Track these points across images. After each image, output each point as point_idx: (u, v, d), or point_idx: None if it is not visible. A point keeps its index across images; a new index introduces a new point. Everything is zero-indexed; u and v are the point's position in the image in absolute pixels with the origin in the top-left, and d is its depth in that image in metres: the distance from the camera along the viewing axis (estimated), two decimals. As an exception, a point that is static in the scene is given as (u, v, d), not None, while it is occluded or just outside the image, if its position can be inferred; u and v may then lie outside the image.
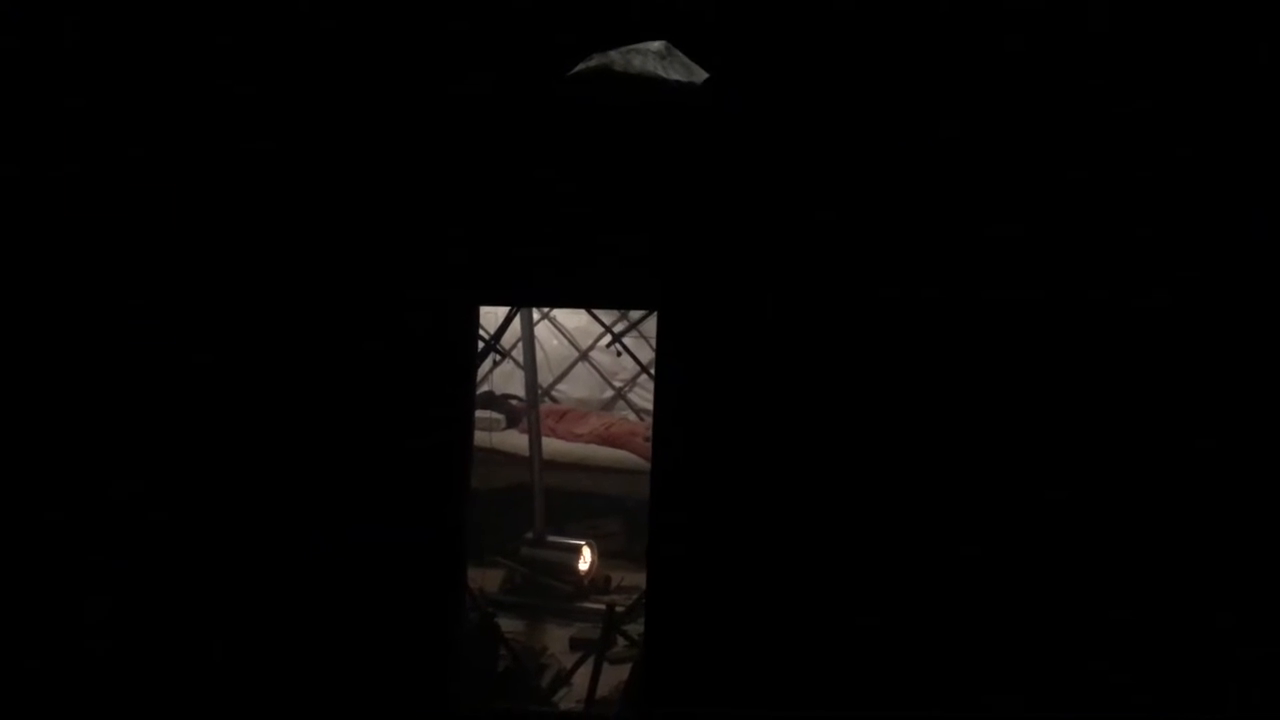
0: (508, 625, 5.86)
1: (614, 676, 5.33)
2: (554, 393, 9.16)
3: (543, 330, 8.56)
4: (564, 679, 5.41)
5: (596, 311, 8.12)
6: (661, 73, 4.23)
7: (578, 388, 9.27)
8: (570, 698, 5.34)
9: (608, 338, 8.38)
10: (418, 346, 4.47)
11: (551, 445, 7.78)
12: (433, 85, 4.44)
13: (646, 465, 7.55)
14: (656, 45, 4.25)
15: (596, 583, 6.94)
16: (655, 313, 4.66)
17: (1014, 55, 4.29)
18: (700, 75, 4.25)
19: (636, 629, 5.51)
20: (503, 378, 8.38)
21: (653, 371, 7.60)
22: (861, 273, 4.35)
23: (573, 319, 8.99)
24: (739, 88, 4.35)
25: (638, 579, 6.93)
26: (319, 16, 4.42)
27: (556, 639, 6.18)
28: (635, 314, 8.17)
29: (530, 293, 5.18)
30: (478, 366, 5.08)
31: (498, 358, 7.27)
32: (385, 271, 4.46)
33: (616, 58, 4.24)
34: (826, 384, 4.36)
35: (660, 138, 4.38)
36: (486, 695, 4.99)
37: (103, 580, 4.42)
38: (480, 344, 5.09)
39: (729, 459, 4.41)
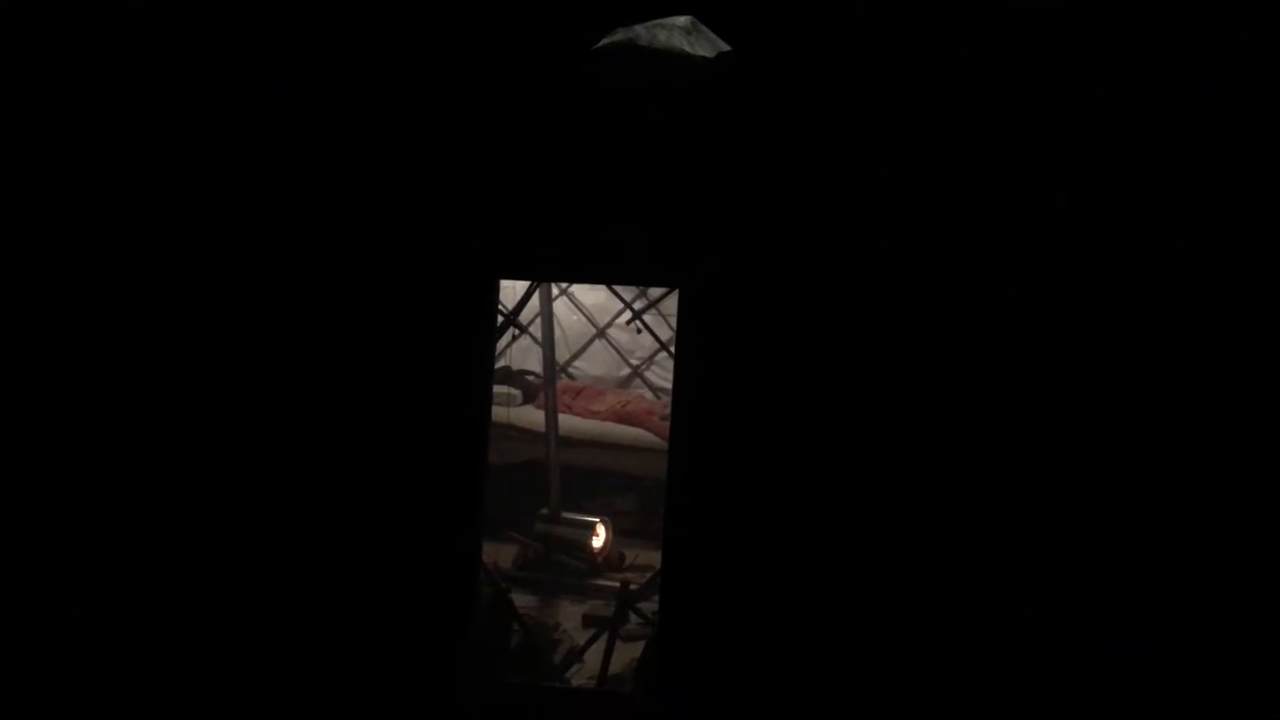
0: (521, 601, 5.85)
1: (627, 654, 5.34)
2: (571, 369, 9.16)
3: (561, 306, 8.54)
4: (576, 655, 5.41)
5: (616, 288, 8.10)
6: (687, 48, 4.18)
7: (595, 365, 9.26)
8: (582, 674, 5.34)
9: (626, 315, 8.36)
10: (437, 320, 4.45)
11: (567, 422, 7.77)
12: (455, 60, 4.40)
13: (662, 444, 7.61)
14: (683, 20, 4.19)
15: (610, 560, 6.94)
16: (676, 290, 4.61)
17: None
18: (726, 50, 4.20)
19: (650, 607, 5.52)
20: (520, 353, 8.36)
21: (671, 349, 7.72)
22: (891, 252, 4.28)
23: (591, 295, 8.97)
24: (765, 62, 4.30)
25: (652, 557, 6.95)
26: None
27: (570, 615, 6.18)
28: (654, 292, 8.15)
29: (550, 268, 5.14)
30: (496, 342, 5.06)
31: (516, 333, 7.25)
32: (404, 245, 4.43)
33: (642, 32, 4.17)
34: (850, 366, 4.31)
35: (684, 112, 4.34)
36: (499, 670, 4.99)
37: (123, 550, 4.45)
38: (499, 319, 5.05)
39: (748, 440, 4.37)
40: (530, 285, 6.60)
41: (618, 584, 6.07)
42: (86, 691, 4.40)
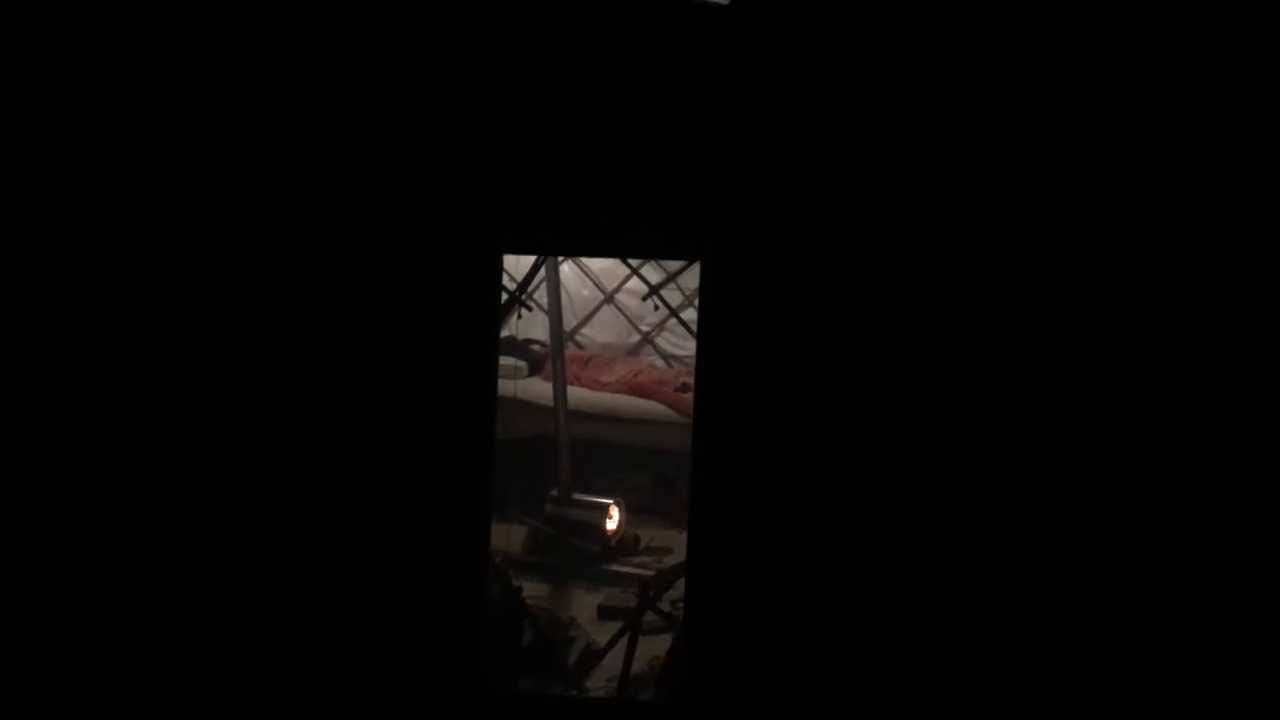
0: (531, 589, 5.58)
1: (647, 649, 5.02)
2: (577, 337, 8.89)
3: (567, 270, 8.25)
4: (594, 656, 5.09)
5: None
6: None
7: (603, 332, 8.99)
8: (600, 675, 5.02)
9: (637, 284, 8.05)
10: (440, 298, 4.18)
11: (576, 395, 7.48)
12: (457, 29, 4.13)
13: (676, 416, 7.41)
14: None
15: (625, 543, 6.65)
16: (696, 263, 4.30)
17: None
18: None
19: (672, 595, 5.23)
20: (524, 322, 8.05)
21: (682, 316, 7.44)
22: (926, 224, 3.94)
23: (598, 259, 8.64)
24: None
25: (667, 537, 6.73)
26: None
27: (584, 606, 5.86)
28: (671, 265, 7.85)
29: (559, 241, 4.85)
30: (503, 319, 4.75)
31: (522, 310, 6.95)
32: (405, 219, 4.17)
33: None
34: (883, 343, 3.99)
35: (702, 73, 4.01)
36: (510, 673, 4.70)
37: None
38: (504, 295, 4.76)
39: (777, 422, 4.04)
40: (537, 259, 6.27)
41: (633, 570, 5.81)
42: (93, 694, 4.22)
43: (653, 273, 7.98)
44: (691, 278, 7.39)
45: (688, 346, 8.31)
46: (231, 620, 4.21)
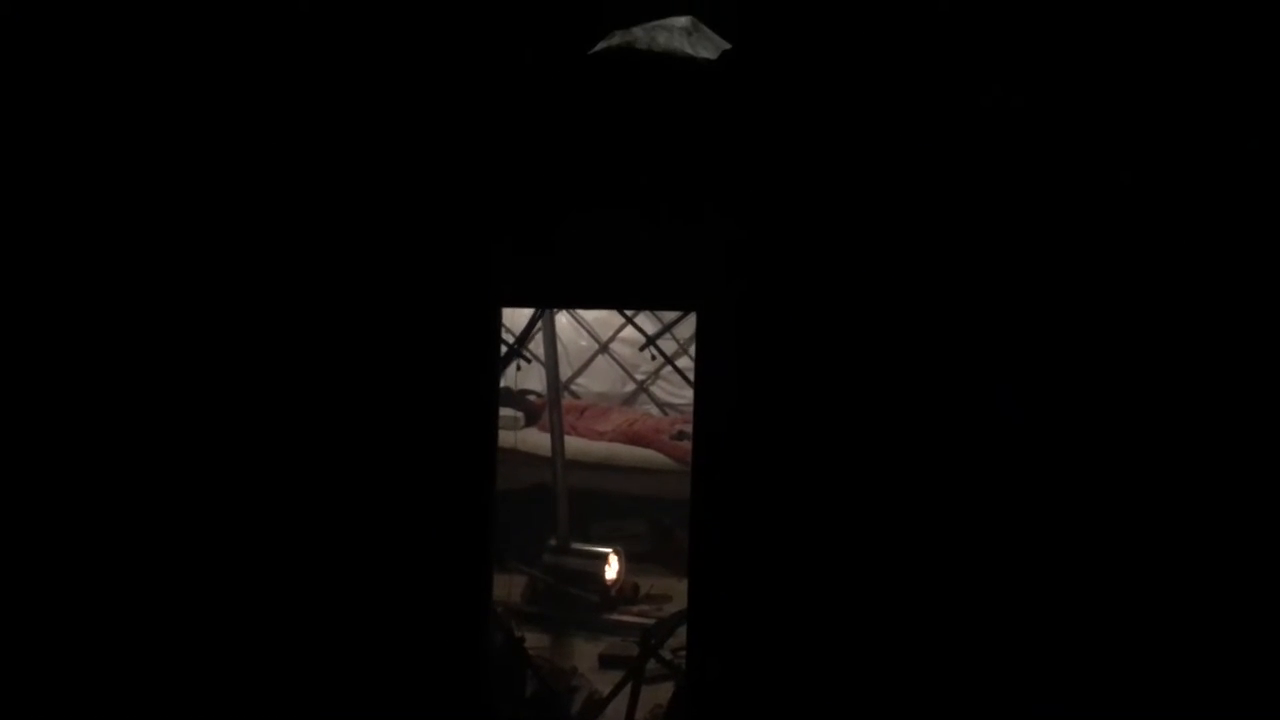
0: (532, 640, 5.57)
1: (649, 698, 5.03)
2: (574, 387, 8.92)
3: (562, 320, 8.29)
4: (597, 705, 5.08)
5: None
6: (689, 49, 3.96)
7: (598, 381, 9.03)
8: (603, 724, 5.03)
9: (635, 335, 8.10)
10: (438, 352, 4.18)
11: (574, 444, 7.52)
12: (455, 78, 4.15)
13: (672, 464, 7.45)
14: (683, 21, 3.99)
15: (625, 592, 6.65)
16: (692, 313, 4.35)
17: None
18: (728, 49, 3.96)
19: (673, 643, 5.20)
20: (522, 373, 8.09)
21: (677, 364, 7.49)
22: (918, 268, 3.99)
23: (592, 310, 8.69)
24: (777, 63, 4.03)
25: (667, 585, 6.74)
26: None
27: (585, 655, 5.87)
28: (666, 315, 7.94)
29: (556, 294, 4.90)
30: (501, 371, 4.79)
31: (520, 363, 6.99)
32: (402, 274, 4.18)
33: (640, 34, 3.97)
34: (877, 390, 3.99)
35: (694, 127, 4.06)
36: (514, 724, 4.71)
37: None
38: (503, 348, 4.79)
39: (773, 468, 4.04)
40: (536, 311, 6.32)
41: (634, 619, 5.81)
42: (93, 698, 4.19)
43: (647, 321, 8.03)
44: (686, 327, 7.45)
45: (683, 394, 8.36)
46: (233, 674, 4.17)
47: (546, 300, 5.50)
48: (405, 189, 4.18)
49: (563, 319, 8.31)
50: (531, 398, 8.29)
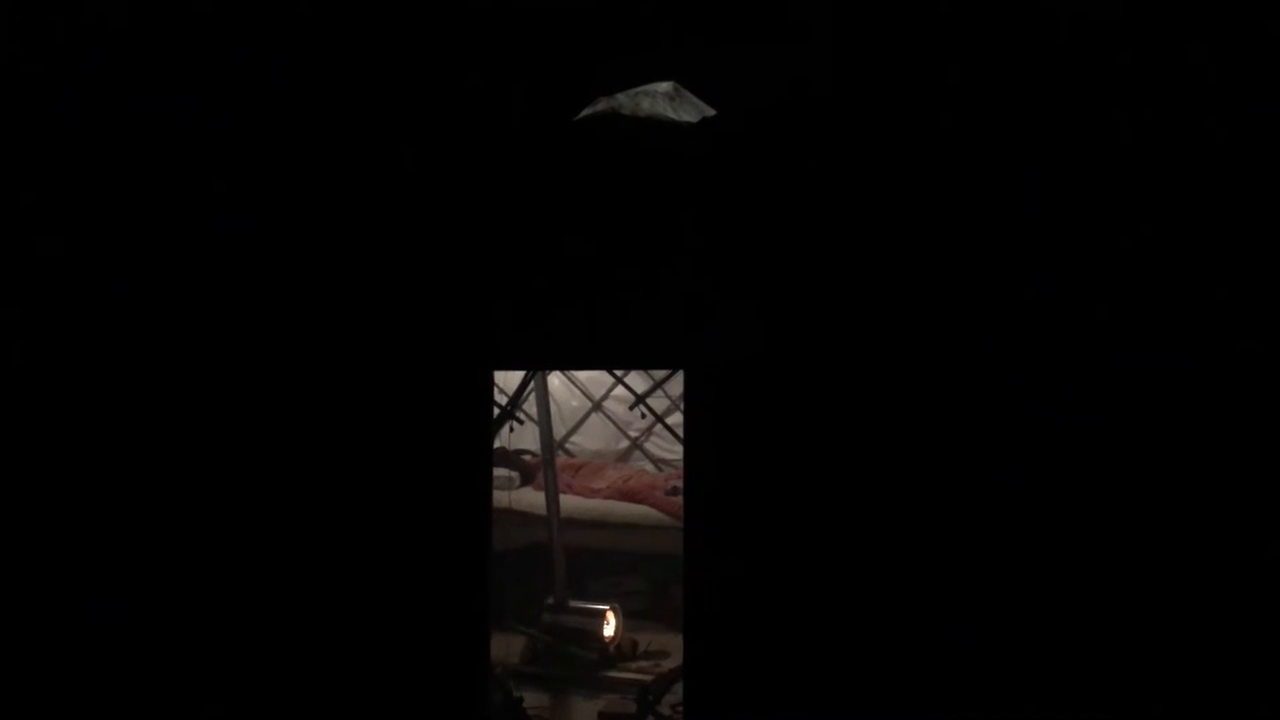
0: (531, 699, 5.59)
1: (650, 755, 5.04)
2: (568, 445, 8.94)
3: (555, 380, 8.33)
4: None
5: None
6: (671, 114, 4.06)
7: (592, 439, 9.04)
8: (604, 782, 5.03)
9: (627, 396, 8.15)
10: (432, 415, 4.28)
11: (568, 502, 7.52)
12: (449, 143, 4.28)
13: (667, 520, 7.45)
14: (665, 86, 4.09)
15: (623, 649, 6.63)
16: (680, 371, 4.42)
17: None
18: (710, 114, 4.06)
19: (671, 700, 5.23)
20: (515, 434, 8.12)
21: (668, 421, 7.53)
22: (900, 321, 4.07)
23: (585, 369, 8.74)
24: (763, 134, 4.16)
25: (665, 640, 6.72)
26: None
27: (584, 713, 5.87)
28: (657, 372, 7.96)
29: (547, 357, 4.96)
30: (495, 433, 4.84)
31: (513, 425, 7.02)
32: (397, 339, 4.27)
33: (624, 100, 4.10)
34: (865, 433, 4.10)
35: (680, 193, 4.18)
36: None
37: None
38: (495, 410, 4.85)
39: (766, 522, 4.14)
40: (528, 374, 6.37)
41: (632, 675, 5.81)
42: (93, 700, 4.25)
43: (638, 380, 8.08)
44: (676, 384, 7.50)
45: (677, 450, 8.36)
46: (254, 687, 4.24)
47: (538, 363, 5.57)
48: (398, 260, 4.28)
49: (555, 379, 8.36)
50: (526, 457, 8.30)
